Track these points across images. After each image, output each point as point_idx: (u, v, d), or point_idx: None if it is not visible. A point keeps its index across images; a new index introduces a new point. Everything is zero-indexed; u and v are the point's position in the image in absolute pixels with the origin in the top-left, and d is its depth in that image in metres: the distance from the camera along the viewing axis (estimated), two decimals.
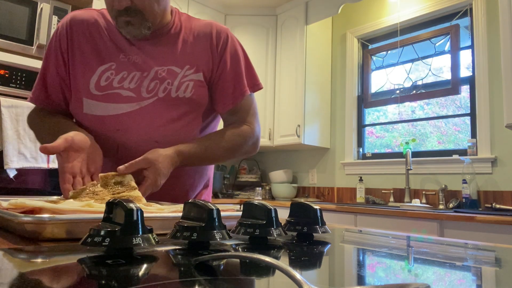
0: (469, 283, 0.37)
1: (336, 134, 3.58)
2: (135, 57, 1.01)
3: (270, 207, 0.53)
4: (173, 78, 1.01)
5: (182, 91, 1.01)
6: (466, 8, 2.86)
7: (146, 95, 0.99)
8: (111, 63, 1.00)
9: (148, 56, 1.01)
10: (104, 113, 0.99)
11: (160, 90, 1.00)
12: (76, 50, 1.01)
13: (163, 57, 1.02)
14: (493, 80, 2.62)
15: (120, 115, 0.99)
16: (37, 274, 0.32)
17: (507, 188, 2.51)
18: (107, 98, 0.99)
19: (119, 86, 0.99)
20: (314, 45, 3.56)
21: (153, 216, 0.56)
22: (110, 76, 0.99)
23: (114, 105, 0.99)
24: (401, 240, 0.63)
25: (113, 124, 0.99)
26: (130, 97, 0.99)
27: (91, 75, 0.99)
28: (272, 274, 0.34)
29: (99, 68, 0.99)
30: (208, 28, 1.09)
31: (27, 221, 0.46)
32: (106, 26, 1.03)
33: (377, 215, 2.42)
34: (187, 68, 1.03)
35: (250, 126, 1.11)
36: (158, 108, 1.00)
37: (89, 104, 0.99)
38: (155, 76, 1.00)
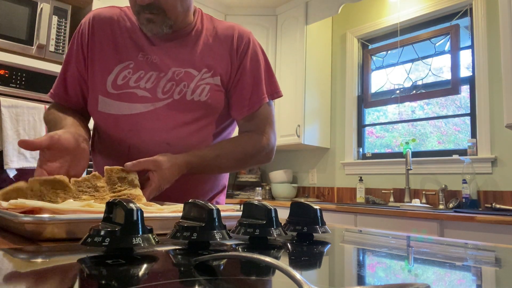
0: (469, 283, 0.37)
1: (336, 134, 3.58)
2: (154, 56, 1.00)
3: (270, 207, 0.53)
4: (189, 81, 0.99)
5: (198, 94, 0.99)
6: (466, 8, 2.86)
7: (162, 96, 0.98)
8: (130, 61, 0.99)
9: (167, 56, 1.00)
10: (118, 112, 0.98)
11: (176, 92, 0.99)
12: (96, 47, 1.01)
13: (181, 59, 1.01)
14: (493, 80, 2.62)
15: (134, 115, 0.98)
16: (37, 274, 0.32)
17: (507, 188, 2.51)
18: (122, 97, 0.98)
19: (135, 85, 0.98)
20: (314, 45, 3.56)
21: (153, 216, 0.56)
22: (127, 75, 0.98)
23: (129, 104, 0.98)
24: (401, 240, 0.63)
25: (126, 124, 0.98)
26: (146, 97, 0.98)
27: (109, 73, 0.98)
28: (272, 274, 0.34)
29: (117, 67, 0.99)
30: (230, 31, 1.06)
31: (27, 221, 0.46)
32: (128, 24, 1.02)
33: (377, 215, 2.42)
34: (204, 71, 1.01)
35: (265, 136, 1.07)
36: (172, 110, 0.98)
37: (104, 102, 0.99)
38: (172, 77, 0.99)
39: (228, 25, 1.08)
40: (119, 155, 0.98)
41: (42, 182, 0.69)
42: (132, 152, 0.97)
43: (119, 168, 0.79)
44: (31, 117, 2.30)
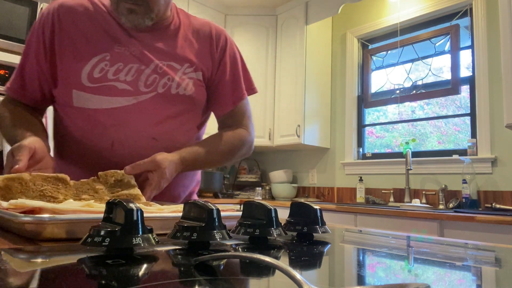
0: (469, 283, 0.37)
1: (336, 134, 3.58)
2: (133, 48, 0.97)
3: (270, 207, 0.53)
4: (173, 74, 0.98)
5: (183, 88, 0.99)
6: (466, 8, 2.86)
7: (144, 89, 0.96)
8: (105, 53, 0.95)
9: (148, 49, 0.98)
10: (97, 106, 0.94)
11: (160, 85, 0.97)
12: (65, 39, 0.95)
13: (162, 52, 0.99)
14: (493, 80, 2.62)
15: (115, 109, 0.94)
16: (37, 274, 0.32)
17: (507, 188, 2.51)
18: (101, 91, 0.93)
19: (114, 78, 0.94)
20: (314, 45, 3.56)
21: (153, 216, 0.56)
22: (104, 68, 0.94)
23: (109, 98, 0.94)
24: (401, 240, 0.63)
25: (108, 119, 0.94)
26: (127, 90, 0.95)
27: (83, 65, 0.93)
28: (272, 274, 0.34)
29: (93, 59, 0.94)
30: (207, 28, 1.08)
31: (27, 221, 0.46)
32: (98, 14, 0.97)
33: (377, 215, 2.42)
34: (187, 66, 1.01)
35: (246, 130, 1.13)
36: (156, 104, 0.97)
37: (80, 97, 0.94)
38: (155, 70, 0.97)
39: (203, 21, 1.10)
40: (100, 151, 0.95)
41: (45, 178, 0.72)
42: (117, 147, 0.95)
43: (112, 171, 0.79)
44: None
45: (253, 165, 4.14)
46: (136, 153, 0.93)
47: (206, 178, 3.42)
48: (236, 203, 3.29)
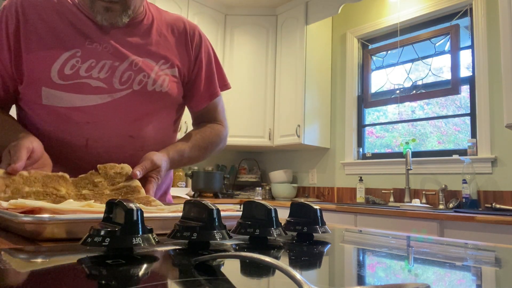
0: (469, 283, 0.37)
1: (336, 134, 3.58)
2: (105, 45, 0.93)
3: (270, 207, 0.53)
4: (149, 71, 0.96)
5: (159, 85, 0.98)
6: (466, 8, 2.86)
7: (119, 87, 0.93)
8: (76, 49, 0.90)
9: (121, 45, 0.95)
10: (69, 104, 0.90)
11: (136, 82, 0.95)
12: (32, 34, 0.90)
13: (137, 48, 0.97)
14: (493, 80, 2.62)
15: (89, 107, 0.91)
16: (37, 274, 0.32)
17: (507, 188, 2.51)
18: (72, 88, 0.90)
19: (87, 75, 0.91)
20: (314, 45, 3.56)
21: (153, 216, 0.56)
22: (76, 64, 0.90)
23: (82, 96, 0.91)
24: (401, 240, 0.63)
25: (81, 117, 0.91)
26: (101, 88, 0.92)
27: (52, 62, 0.89)
28: (272, 274, 0.34)
29: (62, 55, 0.89)
30: (180, 24, 1.07)
31: (27, 221, 0.46)
32: (65, 9, 0.93)
33: (377, 215, 2.42)
34: (162, 62, 1.00)
35: (222, 125, 1.16)
36: (132, 101, 0.95)
37: (50, 95, 0.90)
38: (130, 67, 0.94)
39: (175, 16, 1.08)
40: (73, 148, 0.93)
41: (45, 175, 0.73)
42: (91, 145, 0.93)
43: (111, 164, 0.79)
44: None
45: (253, 165, 4.14)
46: (112, 150, 0.94)
47: (206, 178, 3.42)
48: (236, 203, 3.29)
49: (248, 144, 3.60)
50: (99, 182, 0.76)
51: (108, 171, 0.78)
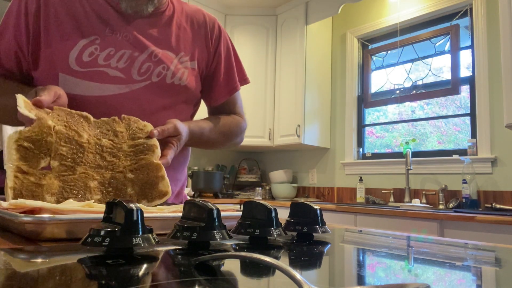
0: (469, 283, 0.37)
1: (336, 134, 3.58)
2: (125, 33, 0.91)
3: (270, 207, 0.53)
4: (168, 63, 0.94)
5: (178, 78, 0.96)
6: (466, 8, 2.86)
7: (138, 78, 0.91)
8: (95, 36, 0.88)
9: (142, 35, 0.92)
10: (87, 93, 0.88)
11: (154, 74, 0.93)
12: (52, 17, 0.88)
13: (157, 39, 0.95)
14: (493, 80, 2.62)
15: (106, 97, 0.89)
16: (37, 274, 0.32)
17: (507, 188, 2.51)
18: (90, 76, 0.88)
19: (105, 64, 0.88)
20: (314, 45, 3.56)
21: (153, 216, 0.56)
22: (94, 52, 0.88)
23: (99, 85, 0.88)
24: (401, 240, 0.63)
25: (98, 107, 0.88)
26: (119, 77, 0.89)
27: (71, 48, 0.87)
28: (272, 274, 0.34)
29: (81, 41, 0.87)
30: (200, 16, 1.05)
31: (27, 221, 0.46)
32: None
33: (377, 215, 2.42)
34: (182, 55, 0.98)
35: (243, 119, 1.13)
36: (150, 94, 0.93)
37: (67, 81, 0.87)
38: (149, 58, 0.92)
39: (195, 8, 1.07)
40: None
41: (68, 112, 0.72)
42: None
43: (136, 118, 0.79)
44: None
45: (253, 165, 4.14)
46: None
47: (206, 178, 3.42)
48: (236, 203, 3.29)
49: (248, 144, 3.60)
50: (120, 132, 0.76)
51: (131, 124, 0.78)
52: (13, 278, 0.30)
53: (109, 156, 0.73)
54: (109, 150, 0.74)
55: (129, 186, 0.74)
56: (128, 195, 0.73)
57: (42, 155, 0.66)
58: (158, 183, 0.75)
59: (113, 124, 0.76)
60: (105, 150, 0.73)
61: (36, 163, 0.65)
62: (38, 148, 0.66)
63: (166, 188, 0.76)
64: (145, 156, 0.76)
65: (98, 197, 0.70)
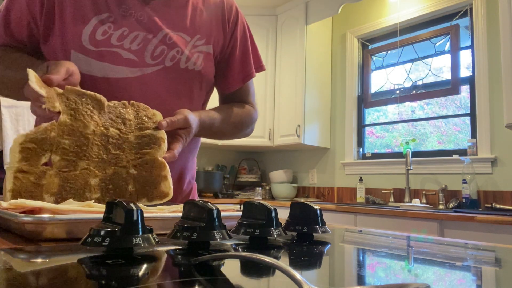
0: (469, 283, 0.37)
1: (336, 134, 3.58)
2: (139, 13, 0.86)
3: (270, 207, 0.53)
4: (183, 47, 0.90)
5: (192, 62, 0.91)
6: (466, 8, 2.86)
7: (151, 61, 0.87)
8: (108, 14, 0.84)
9: (156, 16, 0.88)
10: (99, 74, 0.84)
11: (168, 58, 0.88)
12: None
13: (172, 20, 0.90)
14: (493, 80, 2.62)
15: (118, 80, 0.85)
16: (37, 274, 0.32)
17: (507, 188, 2.51)
18: (103, 56, 0.83)
19: (118, 44, 0.84)
20: (314, 45, 3.56)
21: (153, 216, 0.56)
22: (107, 30, 0.83)
23: (111, 66, 0.84)
24: (401, 240, 0.63)
25: (108, 89, 0.83)
26: (131, 60, 0.85)
27: (84, 25, 0.82)
28: (272, 274, 0.34)
29: (94, 18, 0.83)
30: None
31: (27, 221, 0.46)
32: None
33: (377, 215, 2.42)
34: (197, 38, 0.93)
35: (253, 107, 1.08)
36: (163, 79, 0.88)
37: (79, 59, 0.82)
38: (163, 41, 0.88)
39: None
40: None
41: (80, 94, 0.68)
42: None
43: (145, 106, 0.77)
44: (31, 117, 2.30)
45: (253, 165, 4.14)
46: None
47: (206, 178, 3.42)
48: (236, 203, 3.29)
49: (248, 144, 3.60)
50: (128, 121, 0.73)
51: (140, 112, 0.75)
52: (13, 278, 0.30)
53: (114, 148, 0.71)
54: (115, 142, 0.71)
55: (130, 183, 0.72)
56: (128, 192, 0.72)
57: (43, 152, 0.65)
58: (160, 183, 0.74)
59: (123, 111, 0.74)
60: (110, 141, 0.71)
61: (37, 160, 0.64)
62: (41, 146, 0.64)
63: (168, 190, 0.74)
64: (150, 151, 0.73)
65: (97, 196, 0.69)
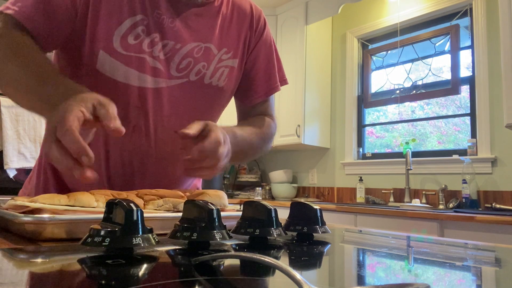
0: (469, 283, 0.37)
1: (336, 134, 3.58)
2: (170, 20, 0.81)
3: (270, 207, 0.53)
4: (209, 61, 0.86)
5: (217, 78, 0.87)
6: (466, 8, 2.86)
7: (176, 74, 0.82)
8: (143, 16, 0.78)
9: (187, 26, 0.84)
10: (123, 79, 0.78)
11: (193, 72, 0.84)
12: None
13: (202, 32, 0.86)
14: (493, 80, 2.62)
15: (142, 89, 0.79)
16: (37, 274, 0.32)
17: (507, 188, 2.51)
18: (132, 62, 0.78)
19: (148, 51, 0.79)
20: (314, 45, 3.56)
21: (153, 216, 0.56)
22: (140, 34, 0.78)
23: (138, 74, 0.78)
24: (401, 240, 0.63)
25: (132, 98, 0.79)
26: (158, 70, 0.80)
27: (117, 24, 0.77)
28: (272, 274, 0.34)
29: (128, 20, 0.77)
30: (247, 6, 0.95)
31: (27, 221, 0.46)
32: None
33: (377, 215, 2.42)
34: (224, 51, 0.89)
35: (274, 121, 1.01)
36: (186, 93, 0.84)
37: (106, 61, 0.76)
38: (191, 53, 0.84)
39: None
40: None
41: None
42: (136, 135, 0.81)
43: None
44: (31, 117, 2.30)
45: (253, 165, 4.14)
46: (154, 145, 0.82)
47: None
48: (236, 203, 3.29)
49: None
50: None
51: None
52: (13, 278, 0.30)
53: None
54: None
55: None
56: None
57: None
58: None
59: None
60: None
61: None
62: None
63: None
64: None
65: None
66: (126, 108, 0.80)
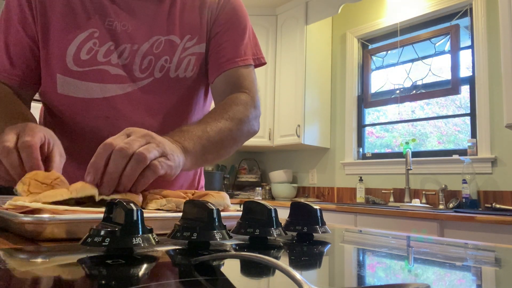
0: (469, 283, 0.37)
1: (336, 134, 3.58)
2: (123, 23, 0.80)
3: (270, 207, 0.53)
4: (171, 54, 0.83)
5: (183, 70, 0.85)
6: (466, 8, 2.86)
7: (140, 75, 0.81)
8: (93, 29, 0.78)
9: (140, 22, 0.81)
10: (87, 95, 0.79)
11: (157, 69, 0.82)
12: (49, 11, 0.78)
13: (159, 23, 0.82)
14: (493, 80, 2.62)
15: (109, 99, 0.80)
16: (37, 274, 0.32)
17: (507, 188, 2.51)
18: (90, 76, 0.78)
19: (105, 61, 0.79)
20: (314, 45, 3.56)
21: (153, 216, 0.56)
22: (93, 47, 0.78)
23: (100, 85, 0.79)
24: (401, 240, 0.63)
25: (101, 110, 0.79)
26: (120, 76, 0.80)
27: (67, 45, 0.77)
28: (272, 274, 0.34)
29: (78, 37, 0.77)
30: None
31: (27, 221, 0.46)
32: None
33: (377, 215, 2.42)
34: (188, 39, 0.85)
35: (248, 94, 0.87)
36: (155, 91, 0.83)
37: (66, 83, 0.78)
38: (150, 50, 0.81)
39: None
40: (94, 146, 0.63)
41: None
42: None
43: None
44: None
45: (253, 165, 4.14)
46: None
47: (206, 178, 3.41)
48: (236, 203, 3.29)
49: (248, 144, 3.58)
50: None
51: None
52: (13, 278, 0.30)
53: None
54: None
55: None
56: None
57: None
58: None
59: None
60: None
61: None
62: None
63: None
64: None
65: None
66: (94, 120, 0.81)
